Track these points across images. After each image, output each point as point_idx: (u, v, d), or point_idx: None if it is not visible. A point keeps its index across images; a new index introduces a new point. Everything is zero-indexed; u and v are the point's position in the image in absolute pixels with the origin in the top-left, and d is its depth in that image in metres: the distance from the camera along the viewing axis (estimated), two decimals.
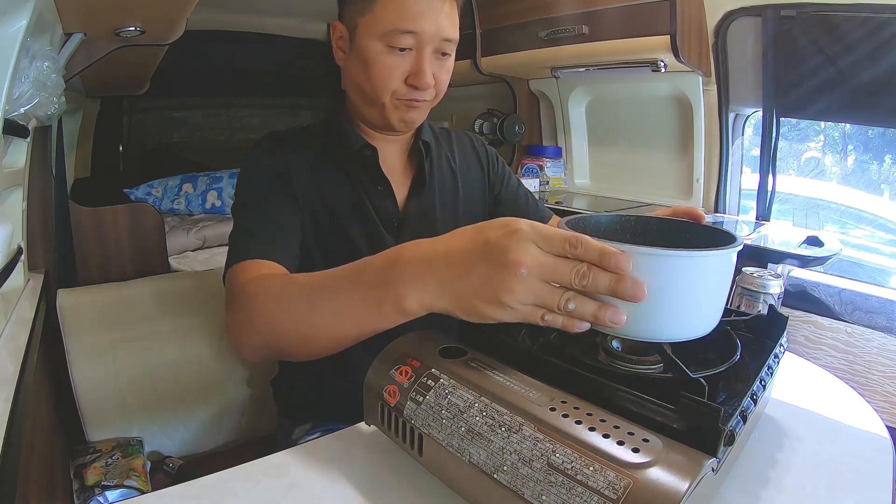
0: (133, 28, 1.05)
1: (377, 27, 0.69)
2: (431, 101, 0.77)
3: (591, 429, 0.38)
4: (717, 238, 0.50)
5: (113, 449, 0.97)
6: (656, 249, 0.41)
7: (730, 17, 1.48)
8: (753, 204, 1.58)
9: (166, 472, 1.01)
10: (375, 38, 0.69)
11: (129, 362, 1.06)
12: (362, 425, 0.59)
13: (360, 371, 0.53)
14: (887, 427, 0.62)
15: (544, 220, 0.98)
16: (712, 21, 1.50)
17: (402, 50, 0.69)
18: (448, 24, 0.70)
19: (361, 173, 0.79)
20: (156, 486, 0.96)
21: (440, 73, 0.73)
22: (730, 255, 0.45)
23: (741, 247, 0.46)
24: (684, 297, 0.44)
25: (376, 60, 0.70)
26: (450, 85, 0.78)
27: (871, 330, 1.21)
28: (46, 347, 0.94)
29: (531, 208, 0.98)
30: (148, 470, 0.99)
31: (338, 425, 0.85)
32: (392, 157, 0.83)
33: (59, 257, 1.34)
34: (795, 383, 0.73)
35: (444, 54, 0.73)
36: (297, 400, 0.91)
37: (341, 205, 0.78)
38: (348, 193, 0.78)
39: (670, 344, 0.48)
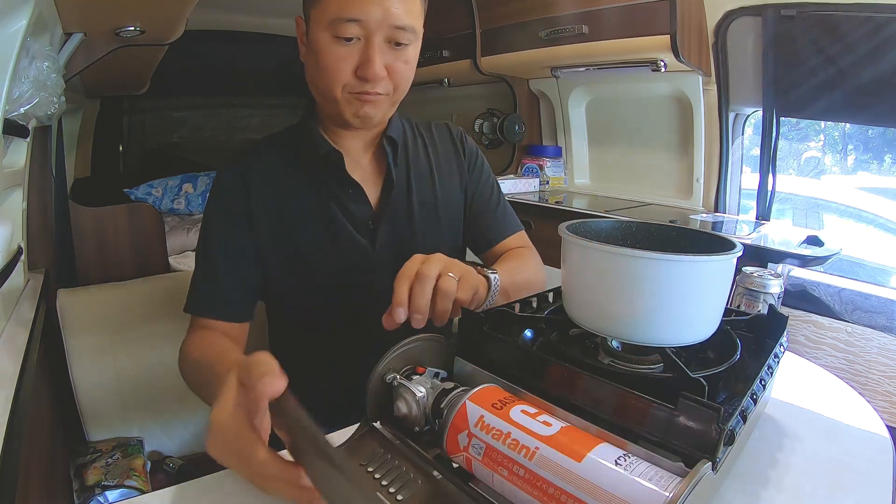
0: (133, 28, 1.05)
1: (324, 17, 0.66)
2: (391, 96, 0.72)
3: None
4: (717, 244, 0.50)
5: (113, 449, 0.97)
6: (658, 254, 0.41)
7: (730, 16, 1.48)
8: (753, 203, 1.58)
9: (166, 472, 1.01)
10: (323, 29, 0.66)
11: (129, 362, 1.06)
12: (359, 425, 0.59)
13: (346, 377, 0.65)
14: (887, 427, 0.62)
15: (504, 233, 0.89)
16: (712, 21, 1.50)
17: (349, 40, 0.66)
18: (401, 11, 0.66)
19: (330, 178, 0.77)
20: (156, 486, 0.96)
21: (395, 63, 0.69)
22: (730, 261, 0.45)
23: (741, 252, 0.46)
24: (684, 302, 0.44)
25: (325, 52, 0.67)
26: (450, 85, 0.76)
27: (871, 329, 1.21)
28: (46, 347, 0.94)
29: (494, 221, 0.89)
30: (148, 470, 0.99)
31: (330, 430, 0.86)
32: (361, 157, 0.80)
33: (59, 257, 1.34)
34: (795, 383, 0.73)
35: (398, 44, 0.68)
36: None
37: (308, 212, 0.76)
38: (316, 200, 0.76)
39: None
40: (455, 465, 0.45)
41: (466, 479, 0.44)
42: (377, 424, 0.52)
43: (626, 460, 0.37)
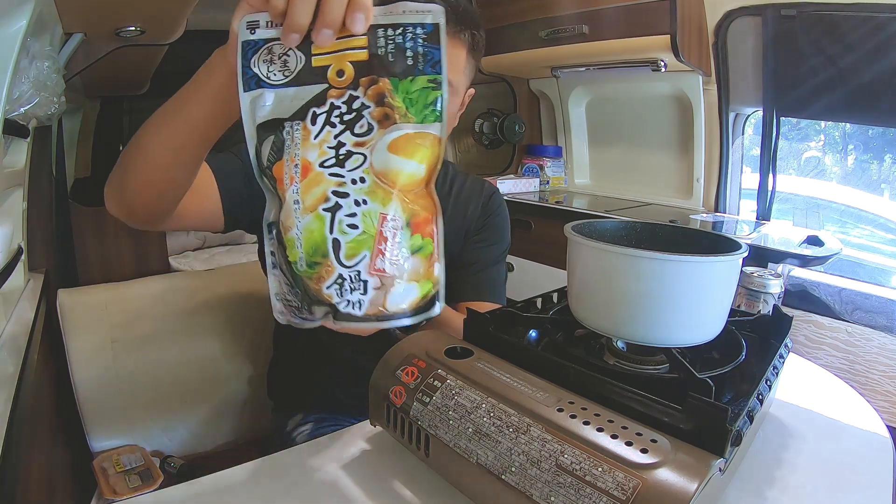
0: (133, 28, 1.05)
1: None
2: None
3: (600, 430, 0.38)
4: (722, 244, 0.50)
5: None
6: (664, 255, 0.41)
7: (730, 16, 1.48)
8: (754, 203, 1.58)
9: (167, 472, 1.01)
10: None
11: (129, 362, 1.05)
12: (362, 425, 0.59)
13: (342, 363, 0.74)
14: (887, 426, 0.62)
15: (476, 296, 0.85)
16: (712, 21, 1.50)
17: None
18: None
19: None
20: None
21: None
22: (735, 262, 0.45)
23: (746, 253, 0.46)
24: (690, 303, 0.44)
25: None
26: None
27: (871, 329, 1.21)
28: (46, 347, 0.94)
29: (472, 278, 0.88)
30: None
31: (326, 414, 0.89)
32: None
33: (59, 257, 1.34)
34: (796, 383, 0.73)
35: None
36: (288, 392, 0.95)
37: None
38: None
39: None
40: None
41: None
42: (377, 427, 0.52)
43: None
